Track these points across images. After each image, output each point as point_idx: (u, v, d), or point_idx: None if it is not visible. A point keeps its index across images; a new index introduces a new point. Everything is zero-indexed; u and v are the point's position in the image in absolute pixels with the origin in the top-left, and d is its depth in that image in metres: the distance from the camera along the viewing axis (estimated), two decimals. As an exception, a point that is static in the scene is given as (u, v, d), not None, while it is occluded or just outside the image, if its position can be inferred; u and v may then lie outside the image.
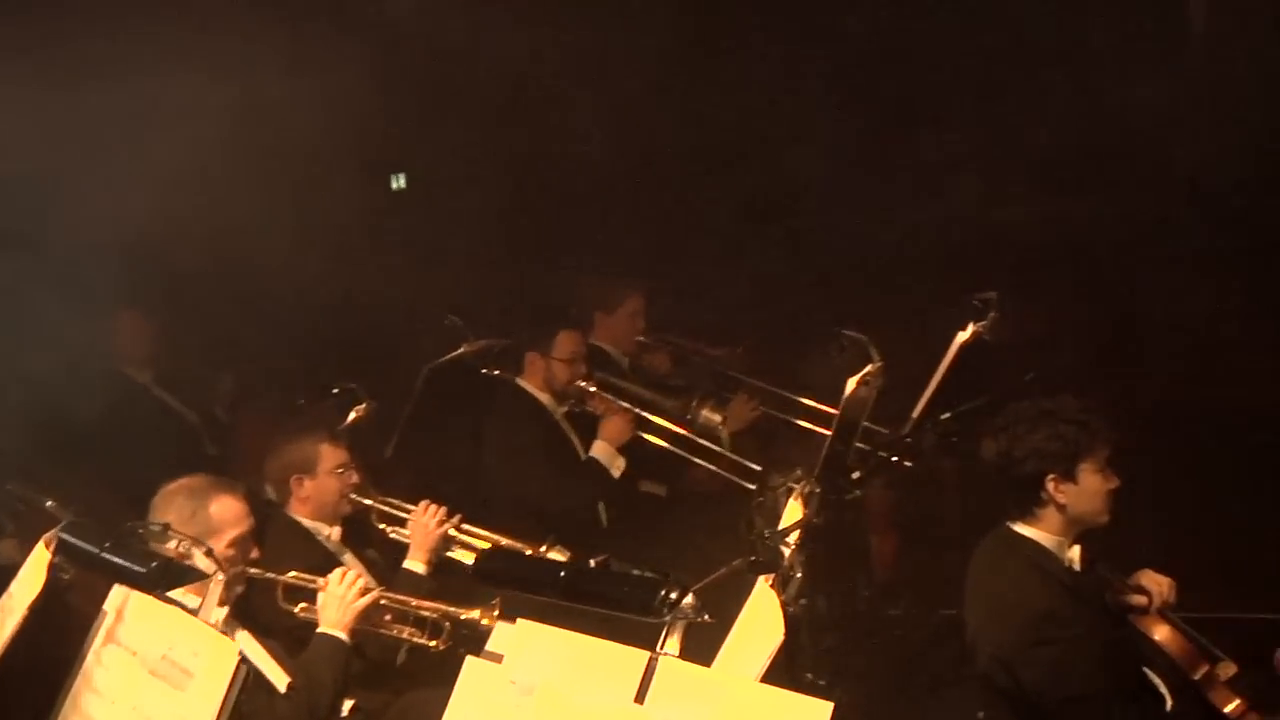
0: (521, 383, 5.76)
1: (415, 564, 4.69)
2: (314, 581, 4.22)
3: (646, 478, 5.80)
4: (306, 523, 4.73)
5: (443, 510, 4.75)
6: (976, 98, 8.31)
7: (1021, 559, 3.99)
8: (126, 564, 2.72)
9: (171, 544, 3.09)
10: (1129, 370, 7.24)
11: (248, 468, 5.22)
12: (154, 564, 2.70)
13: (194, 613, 3.28)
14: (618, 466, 5.63)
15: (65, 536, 2.66)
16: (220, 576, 3.19)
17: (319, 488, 4.72)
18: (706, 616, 2.84)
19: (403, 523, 4.81)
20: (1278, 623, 4.62)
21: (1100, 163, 8.60)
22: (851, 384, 4.83)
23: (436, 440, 5.85)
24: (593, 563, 4.17)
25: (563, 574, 2.97)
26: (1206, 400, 6.98)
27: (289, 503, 4.74)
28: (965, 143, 8.73)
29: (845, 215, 7.98)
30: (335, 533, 4.76)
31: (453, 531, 4.76)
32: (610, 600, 2.82)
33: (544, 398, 5.74)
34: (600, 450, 5.67)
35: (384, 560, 4.82)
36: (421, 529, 4.72)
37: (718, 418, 5.83)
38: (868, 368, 4.85)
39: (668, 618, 2.75)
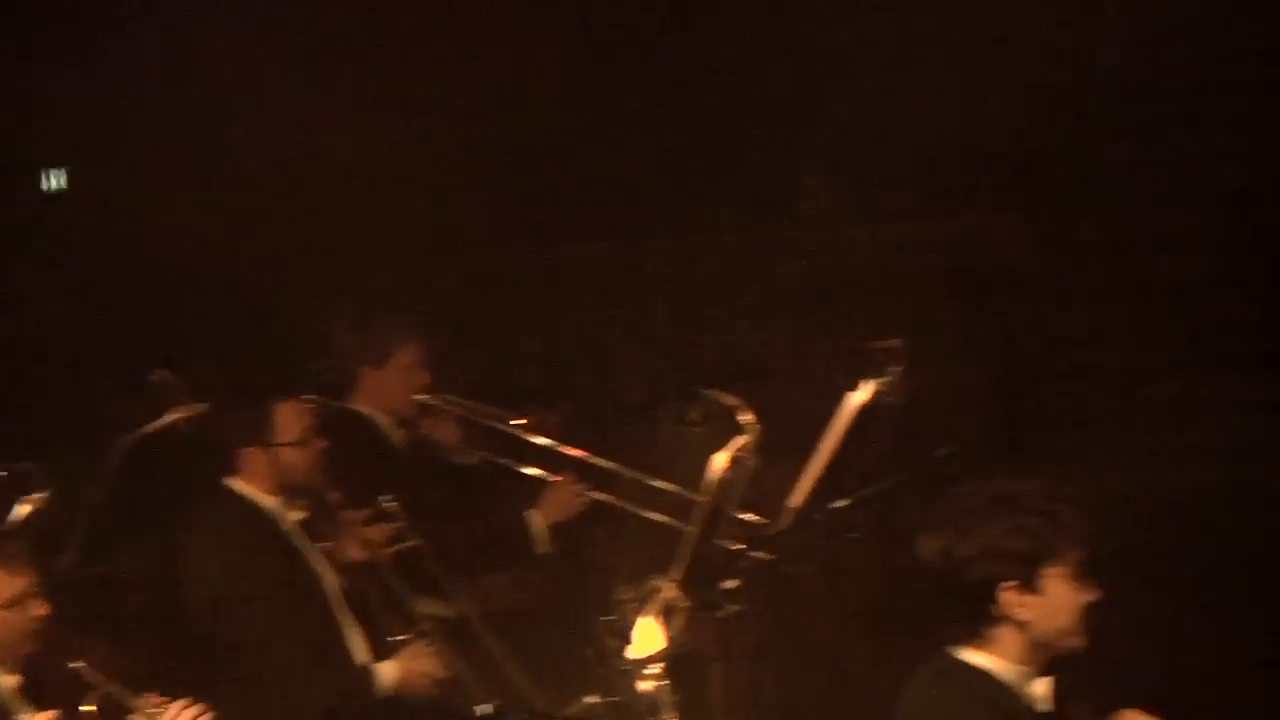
0: (236, 485, 5.47)
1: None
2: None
3: (423, 592, 5.63)
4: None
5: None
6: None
7: (970, 697, 3.96)
8: None
9: None
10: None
11: None
12: None
13: None
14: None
15: None
16: None
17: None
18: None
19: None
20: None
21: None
22: (720, 461, 4.81)
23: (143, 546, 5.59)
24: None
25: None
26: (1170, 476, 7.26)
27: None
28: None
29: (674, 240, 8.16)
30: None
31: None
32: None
33: (268, 501, 5.46)
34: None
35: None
36: None
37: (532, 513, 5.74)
38: (740, 440, 4.85)
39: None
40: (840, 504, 5.21)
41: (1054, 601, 3.93)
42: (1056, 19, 9.85)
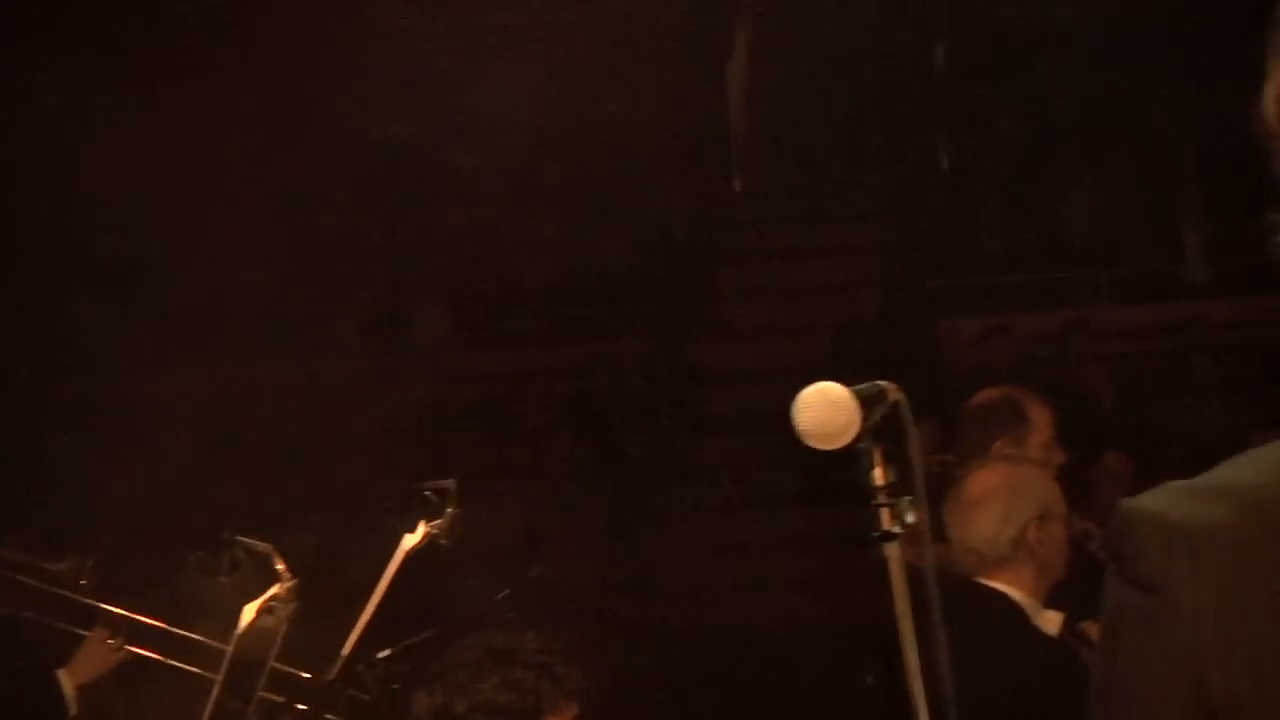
0: None
1: None
2: None
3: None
4: None
5: None
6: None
7: None
8: None
9: None
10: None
11: None
12: None
13: None
14: None
15: None
16: None
17: None
18: None
19: None
20: None
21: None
22: (249, 612, 4.68)
23: None
24: None
25: None
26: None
27: None
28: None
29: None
30: None
31: None
32: None
33: None
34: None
35: None
36: None
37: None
38: (273, 589, 4.73)
39: None
40: (384, 653, 5.14)
41: (549, 757, 3.89)
42: (680, 149, 10.05)
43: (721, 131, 10.69)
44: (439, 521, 5.09)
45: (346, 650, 5.03)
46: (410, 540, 5.07)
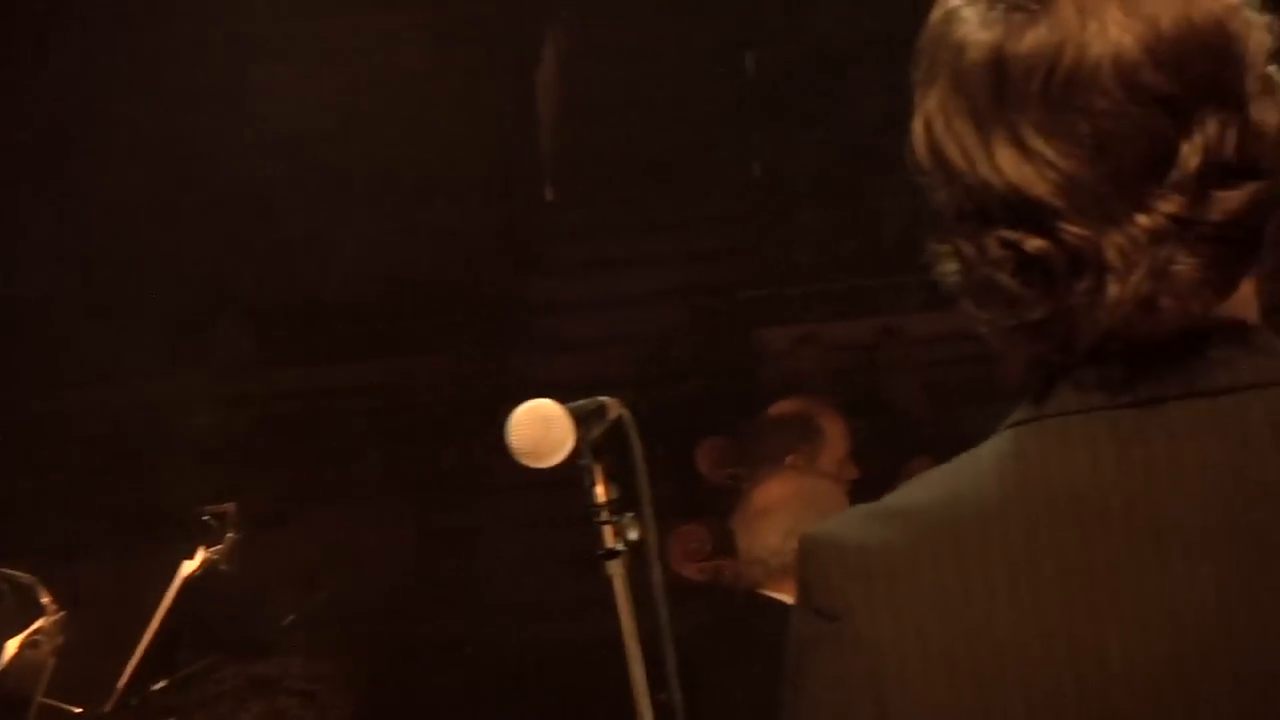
0: None
1: None
2: None
3: None
4: None
5: None
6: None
7: None
8: None
9: None
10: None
11: None
12: None
13: None
14: None
15: None
16: None
17: None
18: None
19: None
20: None
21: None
22: (11, 646, 4.53)
23: None
24: None
25: None
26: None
27: None
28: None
29: None
30: None
31: None
32: None
33: None
34: None
35: None
36: None
37: None
38: (39, 622, 4.58)
39: None
40: (160, 685, 5.01)
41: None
42: (490, 158, 9.96)
43: (532, 140, 10.64)
44: (218, 547, 4.97)
45: (122, 682, 4.90)
46: (188, 567, 4.95)
